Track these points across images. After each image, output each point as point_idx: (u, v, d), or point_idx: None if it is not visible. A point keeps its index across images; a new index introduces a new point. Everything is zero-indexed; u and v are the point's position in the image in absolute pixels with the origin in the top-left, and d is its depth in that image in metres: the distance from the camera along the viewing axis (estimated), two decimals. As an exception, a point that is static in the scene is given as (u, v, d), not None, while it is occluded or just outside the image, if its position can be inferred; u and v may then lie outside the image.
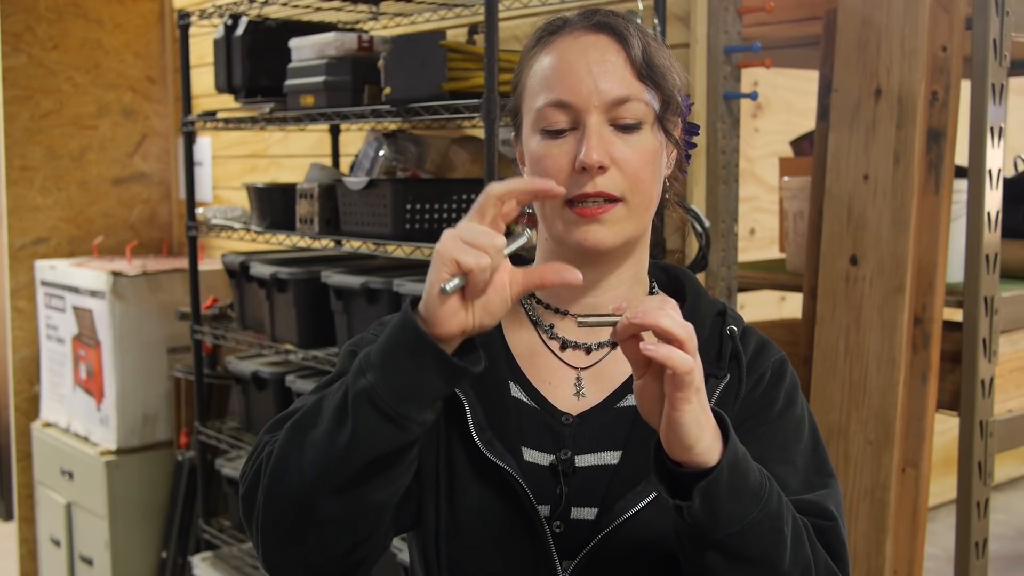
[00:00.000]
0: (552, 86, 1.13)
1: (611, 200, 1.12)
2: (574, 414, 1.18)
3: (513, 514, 1.12)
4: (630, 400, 1.17)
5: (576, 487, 1.14)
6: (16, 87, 3.75)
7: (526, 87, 1.17)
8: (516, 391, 1.19)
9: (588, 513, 1.13)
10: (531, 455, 1.16)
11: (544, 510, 1.13)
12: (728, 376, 1.16)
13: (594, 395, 1.19)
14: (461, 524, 1.14)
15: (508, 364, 1.21)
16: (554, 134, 1.13)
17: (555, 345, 1.22)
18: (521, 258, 1.31)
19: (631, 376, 1.18)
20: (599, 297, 1.20)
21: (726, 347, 1.18)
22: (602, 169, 1.11)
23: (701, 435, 0.96)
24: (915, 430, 1.96)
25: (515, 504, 1.12)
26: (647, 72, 1.12)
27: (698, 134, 1.28)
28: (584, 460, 1.15)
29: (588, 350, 1.20)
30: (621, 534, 1.11)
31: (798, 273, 2.27)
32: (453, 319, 0.97)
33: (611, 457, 1.15)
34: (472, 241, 0.95)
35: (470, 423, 1.14)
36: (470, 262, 0.94)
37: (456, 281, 0.95)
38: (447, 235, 0.97)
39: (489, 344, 1.20)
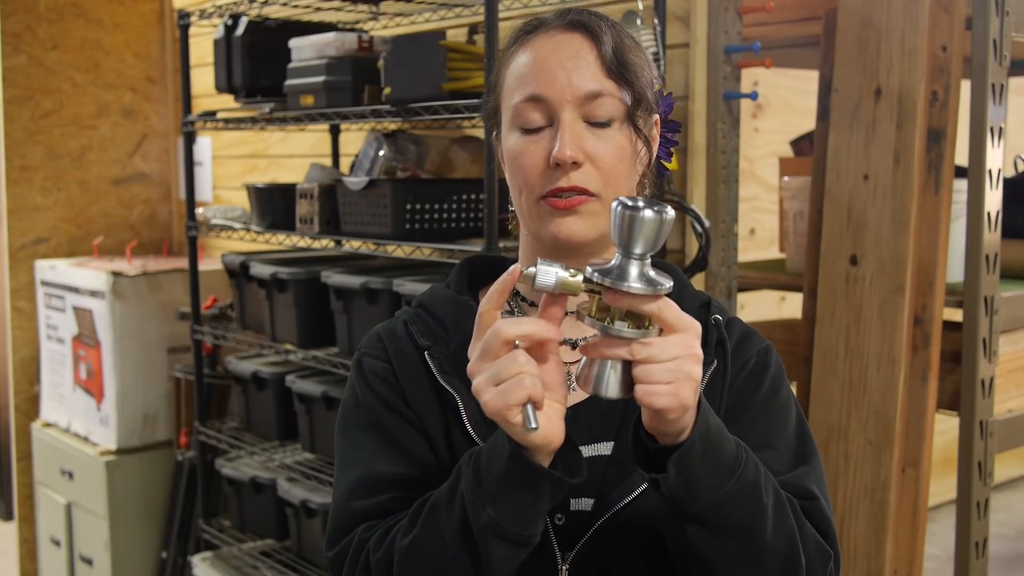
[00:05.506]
0: (527, 82, 1.15)
1: (585, 194, 1.13)
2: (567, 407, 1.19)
3: None
4: None
5: None
6: (16, 87, 3.75)
7: (504, 86, 1.19)
8: None
9: (585, 504, 1.15)
10: None
11: None
12: (715, 362, 1.18)
13: None
14: None
15: None
16: (531, 131, 1.15)
17: None
18: (514, 260, 1.32)
19: None
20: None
21: (712, 335, 1.19)
22: (576, 165, 1.12)
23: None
24: (915, 430, 1.96)
25: None
26: (618, 69, 1.14)
27: (679, 131, 1.29)
28: None
29: (574, 345, 1.21)
30: (618, 522, 1.12)
31: (798, 273, 2.27)
32: (552, 431, 0.98)
33: (605, 448, 1.16)
34: (508, 376, 0.96)
35: (464, 420, 1.16)
36: (524, 396, 0.95)
37: (530, 415, 0.96)
38: (481, 386, 0.97)
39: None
